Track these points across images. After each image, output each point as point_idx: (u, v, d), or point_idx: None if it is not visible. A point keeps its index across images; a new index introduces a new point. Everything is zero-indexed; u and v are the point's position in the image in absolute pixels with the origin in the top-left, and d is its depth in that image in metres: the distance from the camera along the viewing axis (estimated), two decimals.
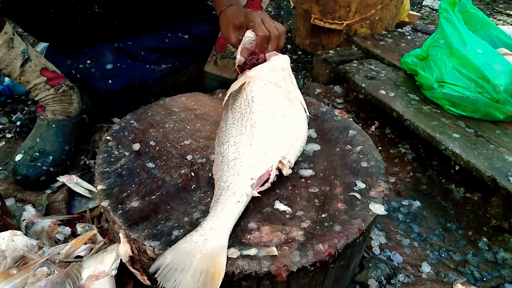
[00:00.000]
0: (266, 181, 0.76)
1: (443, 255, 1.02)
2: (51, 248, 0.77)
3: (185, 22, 1.43)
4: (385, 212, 0.76)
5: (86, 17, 1.16)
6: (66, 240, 0.89)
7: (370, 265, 0.95)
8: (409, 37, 1.88)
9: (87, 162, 1.17)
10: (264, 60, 1.03)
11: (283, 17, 2.58)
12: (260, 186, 0.75)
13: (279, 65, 0.97)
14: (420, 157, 1.36)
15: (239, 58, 1.00)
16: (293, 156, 0.83)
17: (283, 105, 0.89)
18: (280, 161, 0.78)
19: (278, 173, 0.78)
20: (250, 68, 1.04)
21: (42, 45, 1.55)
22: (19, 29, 1.58)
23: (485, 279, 0.97)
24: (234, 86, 0.94)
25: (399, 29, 1.95)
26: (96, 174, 0.80)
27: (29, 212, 0.97)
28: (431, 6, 3.07)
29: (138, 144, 0.90)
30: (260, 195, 0.74)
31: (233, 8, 1.11)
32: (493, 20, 2.43)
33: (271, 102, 0.89)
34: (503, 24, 2.29)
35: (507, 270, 0.99)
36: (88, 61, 1.27)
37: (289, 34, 2.24)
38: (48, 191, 1.07)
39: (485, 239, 1.07)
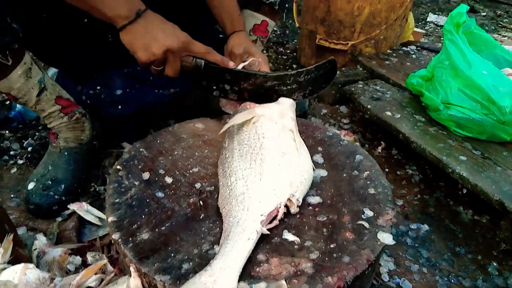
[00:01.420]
0: (274, 218, 0.76)
1: (452, 280, 1.02)
2: (62, 280, 0.78)
3: None
4: (393, 242, 0.76)
5: (98, 46, 1.19)
6: (77, 270, 0.90)
7: None
8: (413, 56, 1.89)
9: (97, 189, 1.18)
10: None
11: (289, 36, 2.61)
12: (269, 223, 0.75)
13: (289, 113, 0.99)
14: (427, 178, 1.36)
15: None
16: (302, 194, 0.83)
17: (293, 146, 0.90)
18: (289, 199, 0.79)
19: (285, 211, 0.79)
20: None
21: (52, 70, 1.58)
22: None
23: None
24: (239, 119, 0.95)
25: (404, 48, 1.97)
26: (106, 205, 0.82)
27: (41, 241, 0.98)
28: (435, 22, 3.09)
29: (147, 173, 0.92)
30: (269, 232, 0.74)
31: (246, 35, 1.23)
32: (498, 37, 2.44)
33: (281, 141, 0.90)
34: (509, 40, 2.29)
35: None
36: (98, 87, 1.30)
37: (295, 54, 2.26)
38: (59, 219, 1.08)
39: (495, 264, 1.06)
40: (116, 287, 0.72)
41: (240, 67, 1.12)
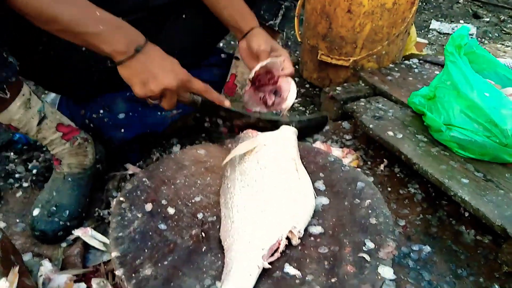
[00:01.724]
0: (276, 250, 0.77)
1: None
2: None
3: (194, 67, 1.46)
4: (394, 277, 0.77)
5: (99, 71, 1.20)
6: None
7: None
8: (416, 70, 1.89)
9: (101, 213, 1.20)
10: (275, 83, 1.16)
11: (291, 47, 2.62)
12: (270, 256, 0.76)
13: (291, 141, 1.01)
14: (429, 196, 1.36)
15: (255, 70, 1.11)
16: (303, 225, 0.84)
17: (295, 177, 0.91)
18: (290, 231, 0.80)
19: (287, 243, 0.80)
20: (257, 84, 1.16)
21: (53, 94, 1.59)
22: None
23: None
24: (241, 149, 0.96)
25: (406, 62, 1.96)
26: (110, 240, 0.83)
27: (46, 267, 0.99)
28: (438, 30, 3.08)
29: (150, 204, 0.93)
30: (270, 266, 0.75)
31: (264, 31, 1.19)
32: (502, 47, 2.43)
33: (283, 171, 0.91)
34: None
35: None
36: (101, 111, 1.31)
37: (297, 67, 2.27)
38: (64, 245, 1.10)
39: (497, 287, 1.06)
40: None
41: (264, 63, 1.12)
